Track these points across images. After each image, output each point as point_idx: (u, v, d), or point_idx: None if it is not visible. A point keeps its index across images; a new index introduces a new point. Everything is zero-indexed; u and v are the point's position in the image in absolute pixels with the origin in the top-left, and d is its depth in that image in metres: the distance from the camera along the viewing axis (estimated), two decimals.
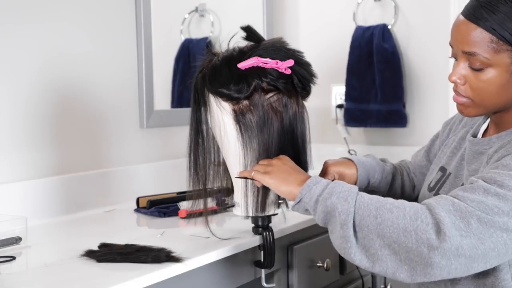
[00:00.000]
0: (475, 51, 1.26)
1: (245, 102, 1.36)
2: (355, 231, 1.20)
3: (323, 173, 1.51)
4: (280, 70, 1.36)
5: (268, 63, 1.35)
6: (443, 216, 1.15)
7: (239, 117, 1.37)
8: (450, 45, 1.33)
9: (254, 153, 1.38)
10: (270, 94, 1.37)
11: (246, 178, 1.38)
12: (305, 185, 1.27)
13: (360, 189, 1.55)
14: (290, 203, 1.37)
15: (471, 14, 1.27)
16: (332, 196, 1.23)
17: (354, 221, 1.20)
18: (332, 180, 1.30)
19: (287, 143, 1.39)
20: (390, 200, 1.22)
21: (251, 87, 1.35)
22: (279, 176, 1.32)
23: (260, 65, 1.35)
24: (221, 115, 1.38)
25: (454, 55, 1.33)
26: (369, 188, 1.58)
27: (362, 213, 1.20)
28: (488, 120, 1.42)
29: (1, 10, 1.70)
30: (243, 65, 1.35)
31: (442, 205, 1.18)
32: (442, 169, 1.48)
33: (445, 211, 1.16)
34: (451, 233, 1.14)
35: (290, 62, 1.37)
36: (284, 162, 1.35)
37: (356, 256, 1.20)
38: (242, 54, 1.38)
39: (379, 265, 1.19)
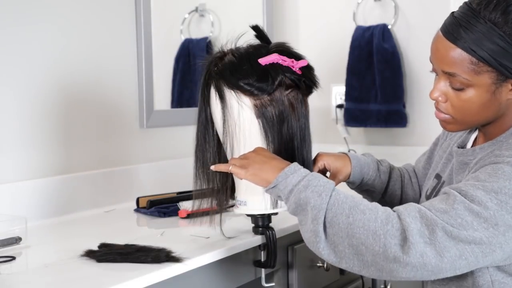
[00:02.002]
0: (455, 72, 1.25)
1: (266, 97, 1.37)
2: (325, 226, 1.20)
3: (313, 163, 1.52)
4: (294, 69, 1.38)
5: (286, 61, 1.38)
6: (408, 222, 1.16)
7: (260, 112, 1.37)
8: (430, 61, 1.32)
9: (274, 149, 1.38)
10: (289, 90, 1.39)
11: (222, 171, 1.39)
12: (282, 172, 1.27)
13: (354, 185, 1.58)
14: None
15: (450, 33, 1.26)
16: (307, 189, 1.23)
17: (325, 218, 1.20)
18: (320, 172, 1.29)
19: (300, 140, 1.41)
20: (364, 201, 1.22)
21: (276, 82, 1.36)
22: (254, 167, 1.31)
23: (280, 62, 1.37)
24: (241, 110, 1.38)
25: (435, 71, 1.32)
26: (363, 186, 1.59)
27: (335, 210, 1.20)
28: (477, 130, 1.41)
29: (2, 10, 1.70)
30: (264, 60, 1.36)
31: (409, 211, 1.18)
32: (438, 177, 1.48)
33: (412, 217, 1.16)
34: (415, 240, 1.14)
35: (304, 62, 1.40)
36: (259, 153, 1.35)
37: (324, 251, 1.21)
38: (261, 50, 1.39)
39: (346, 262, 1.20)
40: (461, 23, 1.25)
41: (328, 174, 1.55)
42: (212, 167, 1.40)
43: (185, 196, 1.87)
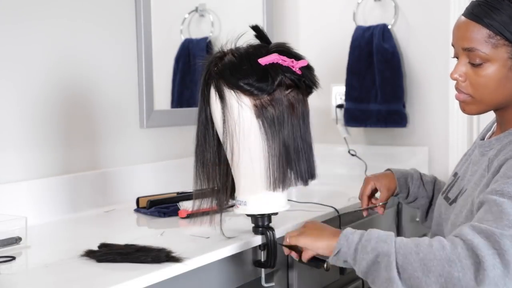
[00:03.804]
0: (474, 46, 1.32)
1: (266, 97, 1.37)
2: (398, 272, 1.20)
3: (363, 186, 1.64)
4: (293, 69, 1.38)
5: (286, 61, 1.38)
6: (471, 239, 1.16)
7: (260, 112, 1.37)
8: (452, 45, 1.39)
9: (274, 148, 1.39)
10: (289, 90, 1.39)
11: (285, 246, 1.41)
12: (341, 235, 1.29)
13: (403, 197, 1.67)
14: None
15: (470, 13, 1.33)
16: (370, 241, 1.24)
17: (396, 262, 1.20)
18: (370, 207, 1.42)
19: (301, 140, 1.41)
20: (426, 238, 1.23)
21: (276, 82, 1.36)
22: (312, 233, 1.36)
23: (280, 62, 1.37)
24: (241, 110, 1.38)
25: (456, 55, 1.38)
26: (410, 196, 1.65)
27: (404, 251, 1.20)
28: (495, 124, 1.45)
29: (2, 10, 1.70)
30: (264, 60, 1.37)
31: (463, 231, 1.19)
32: (455, 174, 1.52)
33: (471, 235, 1.17)
34: (485, 253, 1.14)
35: (304, 62, 1.41)
36: (314, 223, 1.41)
37: None
38: (261, 50, 1.40)
39: None
40: (481, 3, 1.32)
41: (378, 193, 1.66)
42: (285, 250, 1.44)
43: (185, 196, 1.87)
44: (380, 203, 1.65)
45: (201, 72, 1.44)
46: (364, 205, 1.65)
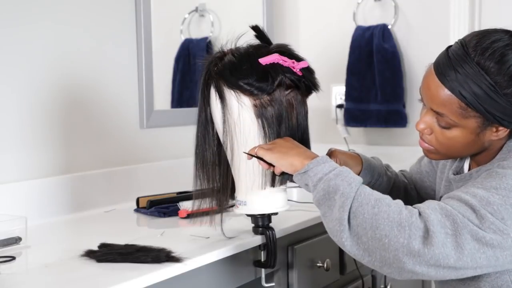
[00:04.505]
0: (444, 112, 1.27)
1: (266, 97, 1.37)
2: (349, 217, 1.20)
3: (329, 156, 1.52)
4: (294, 70, 1.39)
5: (287, 61, 1.38)
6: (428, 213, 1.17)
7: (260, 111, 1.38)
8: (420, 93, 1.33)
9: None
10: (288, 91, 1.39)
11: (251, 155, 1.38)
12: (314, 160, 1.28)
13: None
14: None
15: (442, 74, 1.26)
16: (337, 177, 1.24)
17: (351, 206, 1.20)
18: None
19: (299, 140, 1.41)
20: (389, 197, 1.23)
21: (276, 82, 1.36)
22: (280, 150, 1.33)
23: (280, 62, 1.37)
24: (241, 110, 1.38)
25: (423, 102, 1.33)
26: None
27: (361, 200, 1.20)
28: (469, 158, 1.42)
29: (2, 11, 1.70)
30: (264, 60, 1.37)
31: (428, 204, 1.20)
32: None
33: (431, 209, 1.18)
34: (436, 229, 1.15)
35: (305, 64, 1.41)
36: (287, 140, 1.37)
37: (347, 241, 1.20)
38: (261, 50, 1.39)
39: (368, 255, 1.19)
40: (454, 65, 1.24)
41: None
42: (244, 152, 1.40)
43: (185, 196, 1.87)
44: None
45: (201, 72, 1.44)
46: None
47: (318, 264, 1.76)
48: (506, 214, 1.17)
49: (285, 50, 1.41)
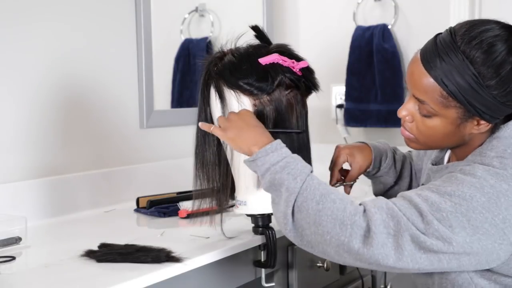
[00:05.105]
0: (425, 100, 1.26)
1: (266, 97, 1.38)
2: (293, 211, 1.22)
3: (335, 157, 1.55)
4: (294, 70, 1.39)
5: (287, 61, 1.38)
6: (373, 212, 1.18)
7: (260, 112, 1.37)
8: (404, 80, 1.33)
9: None
10: (288, 91, 1.39)
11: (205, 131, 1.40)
12: (263, 149, 1.27)
13: (370, 174, 1.58)
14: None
15: (426, 61, 1.25)
16: (283, 170, 1.24)
17: (295, 201, 1.22)
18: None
19: (298, 139, 1.41)
20: (336, 191, 1.23)
21: (276, 82, 1.36)
22: (233, 131, 1.32)
23: (280, 62, 1.37)
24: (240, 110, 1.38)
25: (407, 89, 1.33)
26: (378, 174, 1.60)
27: (306, 195, 1.21)
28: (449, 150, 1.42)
29: (1, 11, 1.70)
30: (264, 60, 1.37)
31: (375, 203, 1.21)
32: None
33: (377, 208, 1.19)
34: (378, 230, 1.16)
35: (304, 64, 1.41)
36: (241, 117, 1.34)
37: (291, 233, 1.24)
38: (261, 50, 1.39)
39: (311, 248, 1.23)
40: (439, 52, 1.24)
41: (348, 167, 1.58)
42: (200, 124, 1.41)
43: (185, 196, 1.87)
44: (349, 183, 1.57)
45: (201, 72, 1.44)
46: (333, 179, 1.56)
47: (318, 264, 1.76)
48: (455, 222, 1.16)
49: (285, 50, 1.41)
